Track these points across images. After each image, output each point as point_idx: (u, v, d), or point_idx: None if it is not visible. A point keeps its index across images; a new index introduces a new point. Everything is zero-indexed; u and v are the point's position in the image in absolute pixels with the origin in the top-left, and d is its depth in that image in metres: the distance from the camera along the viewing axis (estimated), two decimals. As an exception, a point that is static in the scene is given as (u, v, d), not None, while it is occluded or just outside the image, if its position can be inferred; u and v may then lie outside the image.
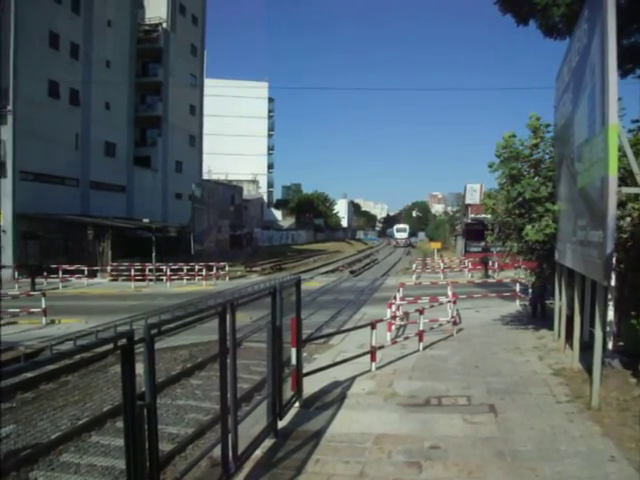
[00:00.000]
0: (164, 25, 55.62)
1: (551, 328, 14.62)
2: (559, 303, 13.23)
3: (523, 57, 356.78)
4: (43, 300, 19.55)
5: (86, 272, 34.01)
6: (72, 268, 34.26)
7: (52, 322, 19.43)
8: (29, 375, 11.30)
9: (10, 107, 36.58)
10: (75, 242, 39.57)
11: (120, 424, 5.32)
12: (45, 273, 32.72)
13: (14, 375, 3.80)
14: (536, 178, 13.97)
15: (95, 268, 36.07)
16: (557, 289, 13.50)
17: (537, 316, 17.76)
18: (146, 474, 4.56)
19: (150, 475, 4.64)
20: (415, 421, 8.45)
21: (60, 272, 32.53)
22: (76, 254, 37.88)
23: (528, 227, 13.30)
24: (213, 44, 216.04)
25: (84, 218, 40.75)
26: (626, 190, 9.24)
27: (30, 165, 37.82)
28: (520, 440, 7.53)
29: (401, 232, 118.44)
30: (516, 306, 20.68)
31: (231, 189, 73.52)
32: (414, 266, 38.69)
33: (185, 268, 34.12)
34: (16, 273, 32.39)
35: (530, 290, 19.03)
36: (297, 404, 9.07)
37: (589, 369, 9.35)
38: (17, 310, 19.59)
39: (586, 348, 10.81)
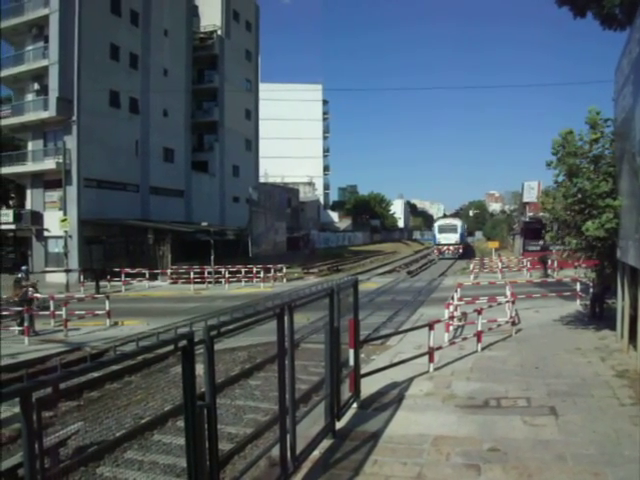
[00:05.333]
0: (219, 32, 56.59)
1: (613, 328, 14.16)
2: (622, 302, 12.80)
3: (580, 54, 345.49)
4: (107, 302, 20.16)
5: (147, 275, 34.95)
6: (134, 271, 35.24)
7: (115, 324, 20.04)
8: (95, 375, 11.67)
9: (74, 117, 38.03)
10: (136, 246, 40.75)
11: (181, 423, 5.45)
12: (108, 276, 33.76)
13: (81, 375, 3.96)
14: (595, 174, 13.59)
15: (156, 271, 36.94)
16: (620, 288, 13.07)
17: (598, 316, 17.21)
18: (206, 473, 4.66)
19: (210, 474, 4.73)
20: (474, 423, 8.34)
21: (122, 275, 33.49)
22: (137, 258, 39.04)
23: (589, 223, 12.95)
24: (267, 48, 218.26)
25: (144, 223, 41.86)
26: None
27: (93, 172, 39.16)
28: (582, 443, 7.32)
29: (447, 232, 65.99)
30: (577, 306, 20.08)
31: (287, 192, 74.15)
32: (471, 266, 38.09)
33: (243, 270, 34.62)
34: (81, 277, 33.51)
35: (591, 289, 18.47)
36: (355, 405, 9.08)
37: (656, 371, 9.03)
38: (83, 312, 20.30)
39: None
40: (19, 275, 21.70)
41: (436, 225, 71.02)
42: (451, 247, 63.74)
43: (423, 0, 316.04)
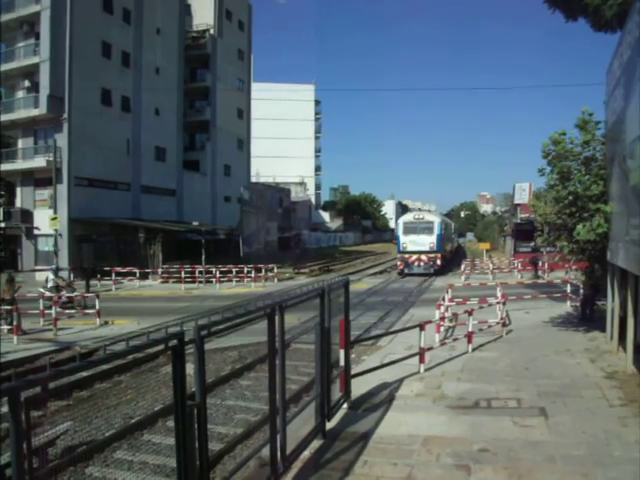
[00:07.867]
0: (211, 31, 56.41)
1: (603, 330, 14.24)
2: (612, 304, 12.87)
3: (573, 57, 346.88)
4: (97, 302, 20.04)
5: (138, 274, 34.84)
6: (124, 270, 35.14)
7: (106, 323, 19.91)
8: (84, 374, 11.62)
9: (65, 115, 37.87)
10: (127, 245, 40.57)
11: (171, 423, 5.43)
12: (99, 275, 33.63)
13: (70, 374, 3.94)
14: (587, 177, 13.65)
15: (146, 270, 36.86)
16: (609, 290, 13.14)
17: (588, 318, 17.30)
18: (196, 473, 4.65)
19: (200, 474, 4.72)
20: (464, 423, 8.36)
21: (113, 274, 33.35)
22: (128, 257, 38.85)
23: (579, 227, 13.00)
24: (260, 47, 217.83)
25: (136, 222, 41.69)
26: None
27: (84, 170, 39.00)
28: (572, 444, 7.36)
29: (418, 232, 40.39)
30: (567, 307, 20.19)
31: (279, 192, 74.12)
32: (463, 267, 38.20)
33: (234, 270, 34.61)
34: (71, 275, 33.32)
35: (581, 291, 18.57)
36: (345, 405, 9.08)
37: (645, 372, 9.08)
38: (73, 311, 20.19)
39: (640, 350, 10.50)
40: (51, 275, 22.30)
41: (400, 222, 43.47)
42: (422, 257, 39.92)
43: (417, 1, 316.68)
